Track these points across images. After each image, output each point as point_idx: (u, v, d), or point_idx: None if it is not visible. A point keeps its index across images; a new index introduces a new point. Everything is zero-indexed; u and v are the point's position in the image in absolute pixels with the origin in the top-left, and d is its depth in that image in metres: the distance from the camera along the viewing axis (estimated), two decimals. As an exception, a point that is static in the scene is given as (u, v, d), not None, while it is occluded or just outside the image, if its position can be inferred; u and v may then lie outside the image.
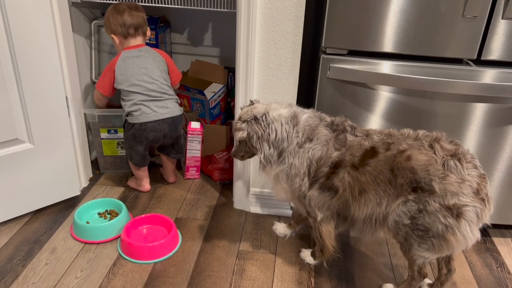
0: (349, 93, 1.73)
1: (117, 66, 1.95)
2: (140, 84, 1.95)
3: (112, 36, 1.97)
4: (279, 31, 1.69)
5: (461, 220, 1.32)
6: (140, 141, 2.01)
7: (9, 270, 1.66)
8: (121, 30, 1.94)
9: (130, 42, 1.98)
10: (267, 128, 1.50)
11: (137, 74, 1.95)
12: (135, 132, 1.99)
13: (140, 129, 1.97)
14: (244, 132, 1.53)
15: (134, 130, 1.99)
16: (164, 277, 1.66)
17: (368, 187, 1.44)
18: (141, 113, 1.96)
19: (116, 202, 1.98)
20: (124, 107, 2.01)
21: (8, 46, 1.65)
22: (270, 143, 1.52)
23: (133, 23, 1.93)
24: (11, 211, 1.90)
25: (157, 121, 1.98)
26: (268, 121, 1.50)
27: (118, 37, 1.97)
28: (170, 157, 2.19)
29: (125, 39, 1.97)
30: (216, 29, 2.62)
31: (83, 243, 1.81)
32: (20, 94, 1.74)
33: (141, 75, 1.95)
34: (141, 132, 1.98)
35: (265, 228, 1.97)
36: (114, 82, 1.98)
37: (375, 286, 1.67)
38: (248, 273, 1.70)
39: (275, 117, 1.51)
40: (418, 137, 1.43)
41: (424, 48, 1.64)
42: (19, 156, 1.81)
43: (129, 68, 1.94)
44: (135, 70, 1.94)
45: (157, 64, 2.00)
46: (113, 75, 1.96)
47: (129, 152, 2.07)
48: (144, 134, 1.98)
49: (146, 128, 1.97)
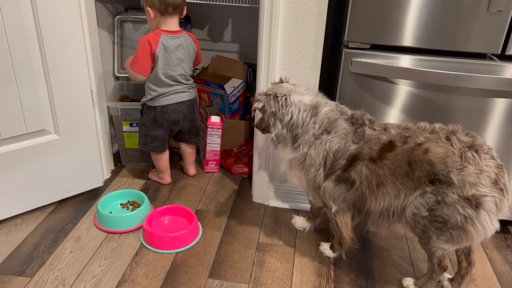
0: (369, 87, 1.74)
1: (159, 52, 1.92)
2: (173, 75, 1.99)
3: (148, 8, 1.91)
4: (302, 25, 1.70)
5: (480, 210, 1.32)
6: (161, 124, 2.05)
7: (36, 257, 1.70)
8: (159, 6, 1.89)
9: (166, 20, 1.94)
10: (283, 108, 1.53)
11: (173, 65, 1.98)
12: (157, 115, 2.02)
13: (162, 111, 2.01)
14: (260, 104, 1.57)
15: (156, 112, 2.02)
16: (185, 267, 1.69)
17: (385, 180, 1.45)
18: (164, 96, 2.00)
19: (138, 194, 2.02)
20: (149, 91, 2.01)
21: (38, 41, 1.70)
22: (283, 123, 1.55)
23: (173, 2, 1.90)
24: (37, 201, 1.95)
25: (177, 103, 2.03)
26: (287, 103, 1.53)
27: (154, 12, 1.91)
28: (189, 143, 2.23)
29: (162, 16, 1.92)
30: (236, 25, 2.65)
31: (106, 232, 1.86)
32: (47, 87, 1.79)
33: (176, 66, 1.98)
34: (163, 114, 2.02)
35: (284, 221, 1.99)
36: (154, 66, 1.96)
37: (395, 280, 1.68)
38: (268, 264, 1.73)
39: (294, 101, 1.53)
40: (434, 130, 1.44)
41: (446, 43, 1.64)
42: (45, 146, 1.86)
43: (168, 58, 1.95)
44: (172, 61, 1.97)
45: (190, 56, 2.04)
46: (153, 58, 1.94)
47: (145, 140, 2.09)
48: (166, 116, 2.02)
49: (168, 110, 2.02)
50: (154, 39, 1.91)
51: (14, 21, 1.61)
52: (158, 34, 1.93)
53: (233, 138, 2.47)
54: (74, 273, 1.63)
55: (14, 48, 1.64)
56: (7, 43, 1.62)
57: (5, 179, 1.80)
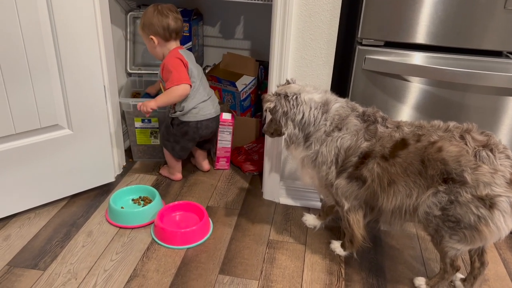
0: (382, 84, 1.73)
1: (186, 57, 1.95)
2: (202, 80, 2.02)
3: (151, 37, 1.95)
4: (315, 22, 1.70)
5: (494, 210, 1.30)
6: (193, 139, 2.09)
7: (48, 251, 1.72)
8: (163, 33, 1.93)
9: (171, 45, 1.99)
10: (295, 107, 1.52)
11: (197, 70, 2.01)
12: (189, 130, 2.05)
13: (196, 127, 2.04)
14: (271, 103, 1.56)
15: (189, 128, 2.04)
16: (196, 262, 1.70)
17: (398, 178, 1.43)
18: (199, 110, 2.02)
19: (149, 189, 2.03)
20: (183, 103, 1.99)
21: (52, 37, 1.72)
22: (295, 123, 1.54)
23: (176, 28, 1.95)
24: (50, 195, 1.97)
25: (210, 119, 2.07)
26: (298, 102, 1.52)
27: (158, 39, 1.96)
28: (202, 149, 2.27)
29: (166, 41, 1.97)
30: (248, 22, 2.65)
31: (118, 227, 1.87)
32: (61, 82, 1.80)
33: (199, 72, 2.01)
34: (196, 130, 2.05)
35: (294, 219, 1.99)
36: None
37: (406, 279, 1.67)
38: (278, 262, 1.72)
39: (305, 100, 1.52)
40: (448, 129, 1.42)
41: (461, 40, 1.62)
42: (58, 141, 1.88)
43: (198, 68, 1.98)
44: (194, 66, 2.00)
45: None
46: (186, 68, 1.95)
47: (174, 146, 2.11)
48: (199, 132, 2.06)
49: (202, 126, 2.05)
50: (178, 54, 1.96)
51: (29, 18, 1.63)
52: (175, 50, 1.98)
53: (244, 136, 2.47)
54: (86, 267, 1.65)
55: (29, 44, 1.66)
56: (22, 39, 1.64)
57: (19, 173, 1.82)
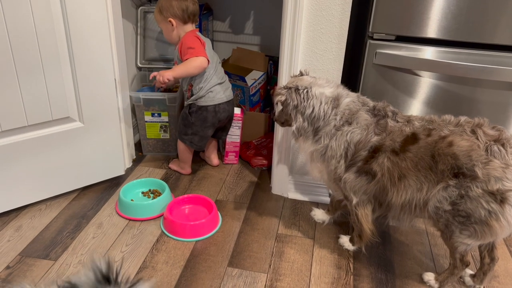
0: (393, 79, 1.72)
1: (204, 39, 1.98)
2: (217, 65, 2.04)
3: (170, 19, 1.96)
4: (326, 16, 1.69)
5: (505, 205, 1.29)
6: (212, 124, 2.10)
7: (59, 242, 1.74)
8: (182, 15, 1.95)
9: (187, 27, 2.00)
10: (305, 101, 1.52)
11: (213, 55, 2.03)
12: (208, 115, 2.06)
13: (214, 110, 2.06)
14: (282, 97, 1.57)
15: (207, 112, 2.05)
16: (205, 255, 1.71)
17: (408, 172, 1.43)
18: (216, 94, 2.04)
19: (159, 182, 2.04)
20: (197, 89, 2.02)
21: (64, 30, 1.73)
22: (305, 116, 1.54)
23: (194, 10, 1.97)
24: (60, 187, 1.99)
25: (226, 102, 2.09)
26: (308, 96, 1.52)
27: (177, 21, 1.97)
28: (216, 137, 2.27)
29: (184, 24, 1.98)
30: (258, 17, 2.65)
31: (128, 219, 1.88)
32: (73, 75, 1.82)
33: (215, 56, 2.03)
34: (215, 113, 2.07)
35: (303, 213, 1.99)
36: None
37: (415, 275, 1.66)
38: (286, 255, 1.73)
39: (316, 94, 1.52)
40: (459, 123, 1.41)
41: (473, 35, 1.61)
42: (69, 134, 1.90)
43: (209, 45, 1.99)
44: (210, 49, 2.01)
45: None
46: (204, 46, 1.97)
47: (192, 139, 2.11)
48: (218, 115, 2.08)
49: (220, 109, 2.07)
50: (196, 34, 1.99)
51: (42, 11, 1.64)
52: (193, 31, 2.00)
53: (253, 130, 2.48)
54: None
55: (42, 37, 1.67)
56: (35, 32, 1.65)
57: (31, 165, 1.84)
